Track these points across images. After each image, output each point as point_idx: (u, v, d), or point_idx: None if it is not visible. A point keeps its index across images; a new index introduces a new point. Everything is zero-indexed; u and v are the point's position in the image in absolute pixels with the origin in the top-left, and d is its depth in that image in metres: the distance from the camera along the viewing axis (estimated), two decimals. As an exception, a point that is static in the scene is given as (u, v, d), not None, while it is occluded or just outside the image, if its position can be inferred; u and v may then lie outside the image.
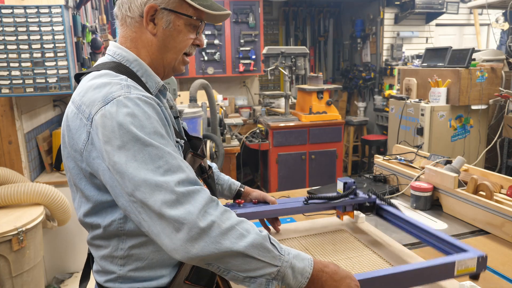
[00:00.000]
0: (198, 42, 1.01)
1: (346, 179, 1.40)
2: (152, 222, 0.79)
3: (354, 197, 1.39)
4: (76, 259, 2.84)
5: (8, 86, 2.38)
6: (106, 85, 0.86)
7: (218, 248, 0.78)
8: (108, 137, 0.81)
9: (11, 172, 2.45)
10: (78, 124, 0.87)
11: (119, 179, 0.80)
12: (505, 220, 1.37)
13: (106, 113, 0.82)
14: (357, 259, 1.23)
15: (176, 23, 0.95)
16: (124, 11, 0.95)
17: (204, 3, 0.96)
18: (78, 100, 0.88)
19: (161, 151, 0.81)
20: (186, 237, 0.77)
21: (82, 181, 0.91)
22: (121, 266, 0.93)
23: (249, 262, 0.81)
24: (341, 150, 4.28)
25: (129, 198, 0.80)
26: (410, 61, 5.20)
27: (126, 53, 0.96)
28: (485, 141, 3.54)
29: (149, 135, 0.82)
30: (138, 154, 0.80)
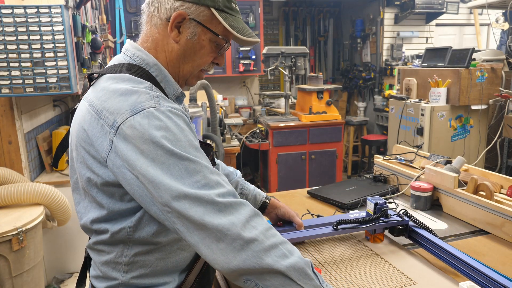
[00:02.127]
0: (217, 61, 0.98)
1: (377, 199, 1.32)
2: (189, 233, 0.77)
3: (385, 219, 1.31)
4: (76, 259, 2.84)
5: (8, 86, 2.38)
6: (132, 93, 0.82)
7: (259, 263, 0.76)
8: (140, 149, 0.78)
9: (11, 172, 2.45)
10: (98, 131, 0.82)
11: (152, 190, 0.77)
12: (505, 220, 1.37)
13: (135, 124, 0.78)
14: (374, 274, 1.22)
15: (201, 37, 0.92)
16: (153, 10, 0.92)
17: (235, 25, 0.93)
18: (99, 104, 0.84)
19: (198, 165, 0.79)
20: (228, 248, 0.76)
21: (94, 187, 0.87)
22: (124, 272, 0.91)
23: (288, 285, 0.78)
24: (341, 150, 4.28)
25: (164, 208, 0.78)
26: (410, 61, 5.20)
27: (146, 56, 0.93)
28: (485, 141, 3.54)
29: (185, 149, 0.79)
30: (173, 168, 0.77)
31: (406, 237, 1.34)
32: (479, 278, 1.05)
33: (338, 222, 1.28)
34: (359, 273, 1.15)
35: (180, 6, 0.89)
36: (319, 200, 1.82)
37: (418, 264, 1.19)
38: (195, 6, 0.89)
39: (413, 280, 1.10)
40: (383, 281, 1.10)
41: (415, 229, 1.30)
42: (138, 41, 0.97)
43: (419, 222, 1.31)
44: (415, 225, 1.32)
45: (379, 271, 1.15)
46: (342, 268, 1.18)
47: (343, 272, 1.16)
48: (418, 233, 1.29)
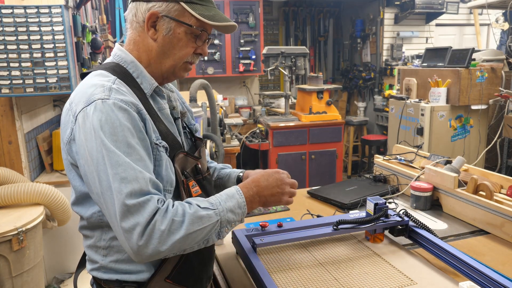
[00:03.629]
0: (200, 51, 1.03)
1: (377, 199, 1.32)
2: (113, 225, 0.88)
3: (386, 220, 1.31)
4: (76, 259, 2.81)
5: (8, 86, 2.38)
6: (92, 86, 0.91)
7: (167, 245, 0.86)
8: (85, 137, 0.87)
9: (11, 172, 2.45)
10: (67, 120, 0.93)
11: (95, 176, 0.87)
12: (505, 220, 1.37)
13: (85, 114, 0.88)
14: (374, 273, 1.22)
15: (176, 31, 0.97)
16: (132, 16, 1.00)
17: (206, 13, 0.97)
18: (72, 97, 0.95)
19: (121, 159, 0.86)
20: (136, 244, 0.84)
21: (70, 171, 0.97)
22: (104, 256, 0.99)
23: (197, 235, 0.90)
24: (341, 150, 4.28)
25: (98, 197, 0.89)
26: (410, 61, 5.20)
27: (125, 54, 1.01)
28: (485, 141, 3.54)
29: (115, 143, 0.86)
30: (104, 158, 0.86)
31: (406, 237, 1.33)
32: (479, 278, 1.05)
33: (338, 222, 1.28)
34: (359, 273, 1.15)
35: (152, 6, 0.96)
36: (319, 200, 1.82)
37: (418, 264, 1.19)
38: (165, 4, 0.96)
39: (413, 280, 1.10)
40: (383, 281, 1.10)
41: (415, 229, 1.30)
42: (124, 45, 1.05)
43: (419, 222, 1.31)
44: (415, 225, 1.32)
45: (379, 271, 1.15)
46: (342, 268, 1.18)
47: (343, 272, 1.16)
48: (418, 233, 1.28)
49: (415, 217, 1.32)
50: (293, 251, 1.28)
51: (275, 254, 1.26)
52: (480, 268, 1.06)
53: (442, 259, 1.19)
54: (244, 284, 1.16)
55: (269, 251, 1.28)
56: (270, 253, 1.27)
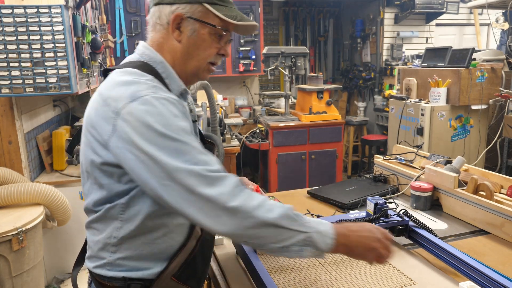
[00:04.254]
0: (223, 52, 1.04)
1: (377, 199, 1.32)
2: (186, 203, 0.85)
3: (386, 220, 1.31)
4: (76, 259, 2.83)
5: (8, 86, 2.38)
6: (133, 83, 0.91)
7: (251, 222, 0.86)
8: (137, 131, 0.86)
9: (11, 172, 2.45)
10: (103, 116, 0.90)
11: (150, 165, 0.85)
12: (505, 220, 1.37)
13: (133, 110, 0.87)
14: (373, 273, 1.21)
15: (200, 31, 0.99)
16: (155, 19, 1.01)
17: (229, 13, 1.00)
18: (105, 93, 0.93)
19: (188, 147, 0.87)
20: (222, 214, 0.85)
21: (96, 169, 0.94)
22: (112, 253, 0.98)
23: (281, 233, 0.88)
24: (341, 150, 4.28)
25: (161, 181, 0.85)
26: (410, 61, 5.19)
27: (153, 54, 1.01)
28: (485, 141, 3.54)
29: (176, 132, 0.87)
30: (166, 148, 0.85)
31: (406, 237, 1.33)
32: (479, 278, 1.05)
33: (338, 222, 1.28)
34: (359, 273, 1.15)
35: (176, 8, 0.97)
36: (319, 200, 1.82)
37: (418, 264, 1.19)
38: (189, 6, 0.97)
39: (413, 280, 1.10)
40: (383, 281, 1.10)
41: (415, 229, 1.30)
42: None
43: (419, 222, 1.31)
44: (415, 225, 1.32)
45: (379, 271, 1.15)
46: (342, 268, 1.18)
47: (343, 272, 1.16)
48: (418, 233, 1.28)
49: (415, 217, 1.33)
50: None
51: (275, 254, 1.26)
52: (480, 268, 1.06)
53: (442, 259, 1.19)
54: (244, 284, 1.16)
55: (269, 251, 1.28)
56: (270, 253, 1.27)
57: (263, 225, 0.87)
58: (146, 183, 0.88)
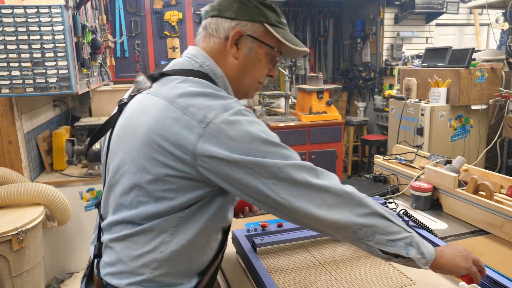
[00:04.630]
0: (272, 73, 1.06)
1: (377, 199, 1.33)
2: (297, 198, 0.84)
3: None
4: (76, 259, 2.84)
5: (8, 86, 2.38)
6: (218, 96, 0.88)
7: (364, 209, 0.88)
8: (236, 141, 0.83)
9: (11, 172, 2.45)
10: (182, 125, 0.84)
11: (254, 169, 0.83)
12: (505, 220, 1.37)
13: (230, 118, 0.84)
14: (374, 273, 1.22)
15: (258, 51, 0.99)
16: (211, 31, 0.99)
17: (287, 37, 1.01)
18: (182, 101, 0.86)
19: (290, 152, 0.88)
20: (336, 203, 0.86)
21: (159, 182, 0.87)
22: (154, 269, 0.91)
23: (389, 225, 0.90)
24: (341, 150, 4.28)
25: (269, 181, 0.84)
26: (410, 61, 5.19)
27: (214, 66, 0.99)
28: (485, 141, 3.54)
29: (274, 138, 0.87)
30: (270, 154, 0.84)
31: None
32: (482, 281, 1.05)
33: None
34: (359, 273, 1.15)
35: (237, 24, 0.97)
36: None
37: (418, 264, 1.19)
38: (250, 24, 0.97)
39: (413, 280, 1.10)
40: (383, 281, 1.10)
41: (415, 229, 1.30)
42: None
43: (419, 222, 1.32)
44: (415, 225, 1.32)
45: (379, 271, 1.15)
46: (342, 268, 1.18)
47: (343, 272, 1.16)
48: (418, 233, 1.28)
49: (415, 217, 1.33)
50: (293, 251, 1.28)
51: (275, 254, 1.26)
52: (480, 268, 1.05)
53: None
54: (244, 284, 1.16)
55: (269, 251, 1.28)
56: (270, 253, 1.27)
57: (374, 214, 0.88)
58: (246, 189, 0.85)
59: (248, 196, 0.87)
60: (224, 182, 0.86)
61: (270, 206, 0.87)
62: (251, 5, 0.97)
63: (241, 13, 0.97)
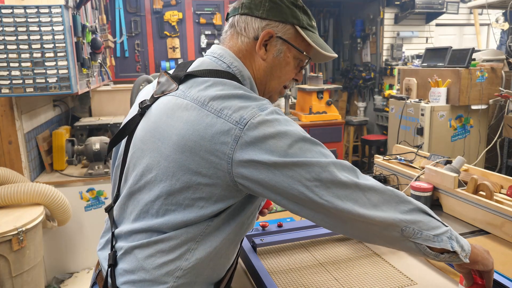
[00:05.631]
0: (297, 77, 1.02)
1: None
2: (340, 200, 0.80)
3: None
4: (76, 259, 2.84)
5: (8, 86, 2.38)
6: (251, 97, 0.85)
7: (408, 206, 0.85)
8: (275, 138, 0.79)
9: (11, 172, 2.45)
10: (219, 129, 0.79)
11: (295, 170, 0.79)
12: (505, 220, 1.37)
13: (267, 117, 0.81)
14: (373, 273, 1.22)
15: (287, 54, 0.96)
16: (239, 30, 0.95)
17: (317, 41, 0.97)
18: (216, 104, 0.82)
19: (326, 150, 0.84)
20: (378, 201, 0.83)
21: (189, 191, 0.83)
22: (178, 278, 0.86)
23: (431, 220, 0.87)
24: (341, 150, 4.28)
25: (312, 183, 0.79)
26: (410, 61, 5.20)
27: (242, 67, 0.95)
28: (485, 141, 3.55)
29: (311, 137, 0.85)
30: (311, 151, 0.81)
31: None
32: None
33: None
34: (359, 273, 1.15)
35: (267, 25, 0.93)
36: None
37: (418, 264, 1.19)
38: (282, 25, 0.94)
39: (413, 280, 1.10)
40: (383, 281, 1.10)
41: (415, 229, 1.30)
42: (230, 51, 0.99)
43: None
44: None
45: (379, 271, 1.15)
46: (342, 268, 1.18)
47: (343, 272, 1.16)
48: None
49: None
50: (293, 251, 1.28)
51: (275, 254, 1.26)
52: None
53: (442, 259, 1.19)
54: (244, 284, 1.16)
55: (269, 251, 1.28)
56: (270, 253, 1.27)
57: (417, 210, 0.86)
58: (284, 194, 0.81)
59: (288, 201, 0.82)
60: (262, 187, 0.81)
61: (311, 209, 0.82)
62: (283, 5, 0.93)
63: (273, 13, 0.93)
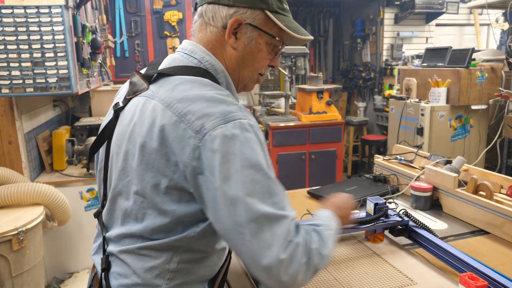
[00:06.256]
0: (273, 64, 0.99)
1: (377, 199, 1.32)
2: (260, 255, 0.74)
3: (385, 220, 1.30)
4: (76, 259, 2.84)
5: (8, 86, 2.38)
6: (221, 101, 0.80)
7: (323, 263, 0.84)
8: (227, 159, 0.74)
9: (11, 172, 2.45)
10: (180, 134, 0.78)
11: (230, 206, 0.74)
12: (505, 220, 1.37)
13: (227, 133, 0.75)
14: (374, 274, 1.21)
15: (258, 40, 0.92)
16: (207, 19, 0.92)
17: (290, 25, 0.93)
18: (181, 107, 0.80)
19: (278, 188, 0.79)
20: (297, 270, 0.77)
21: (159, 193, 0.81)
22: (169, 280, 0.86)
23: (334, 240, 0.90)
24: (341, 150, 4.28)
25: (237, 228, 0.74)
26: (410, 61, 5.20)
27: (215, 61, 0.92)
28: (485, 141, 3.55)
29: (268, 168, 0.78)
30: (257, 184, 0.75)
31: (406, 237, 1.33)
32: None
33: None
34: (359, 273, 1.15)
35: (235, 12, 0.90)
36: (319, 200, 1.82)
37: (418, 264, 1.19)
38: (250, 11, 0.90)
39: (413, 280, 1.10)
40: (383, 281, 1.10)
41: (415, 229, 1.30)
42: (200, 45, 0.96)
43: (419, 222, 1.32)
44: (415, 225, 1.32)
45: (379, 271, 1.15)
46: (342, 268, 1.18)
47: (343, 272, 1.16)
48: (418, 233, 1.29)
49: (415, 217, 1.33)
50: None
51: (275, 254, 1.26)
52: (480, 268, 1.06)
53: (442, 259, 1.19)
54: (244, 284, 1.16)
55: (269, 251, 1.28)
56: (270, 253, 1.27)
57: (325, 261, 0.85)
58: (216, 222, 0.78)
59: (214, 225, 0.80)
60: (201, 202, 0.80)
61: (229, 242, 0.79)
62: None
63: None
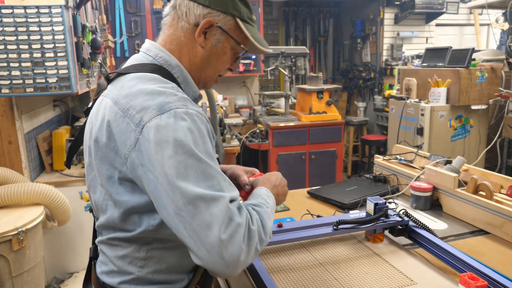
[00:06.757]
0: (232, 67, 1.04)
1: (377, 199, 1.32)
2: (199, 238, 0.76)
3: (385, 220, 1.31)
4: (76, 259, 2.84)
5: (8, 86, 2.38)
6: (160, 93, 0.84)
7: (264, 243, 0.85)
8: (161, 147, 0.78)
9: (11, 172, 2.45)
10: (124, 128, 0.83)
11: (169, 191, 0.77)
12: (505, 220, 1.37)
13: (161, 123, 0.79)
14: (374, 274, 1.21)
15: (224, 44, 0.97)
16: (180, 14, 0.95)
17: (255, 35, 0.99)
18: (125, 102, 0.85)
19: (214, 171, 0.81)
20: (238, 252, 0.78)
21: (114, 184, 0.87)
22: (140, 267, 0.92)
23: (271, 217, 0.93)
24: (341, 150, 4.28)
25: (177, 211, 0.77)
26: (410, 61, 5.20)
27: (168, 57, 0.96)
28: (485, 141, 3.55)
29: (203, 154, 0.80)
30: (191, 169, 0.78)
31: (406, 237, 1.33)
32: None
33: (338, 222, 1.28)
34: (359, 273, 1.15)
35: (209, 13, 0.94)
36: (319, 200, 1.82)
37: (418, 264, 1.19)
38: (223, 15, 0.94)
39: (413, 280, 1.10)
40: (383, 281, 1.10)
41: (415, 229, 1.30)
42: (160, 43, 1.00)
43: (419, 222, 1.32)
44: (415, 225, 1.32)
45: (379, 271, 1.15)
46: (342, 268, 1.18)
47: (343, 272, 1.16)
48: (418, 233, 1.29)
49: (415, 217, 1.33)
50: (293, 251, 1.28)
51: (275, 254, 1.26)
52: (480, 268, 1.06)
53: (442, 259, 1.19)
54: (244, 284, 1.16)
55: (269, 251, 1.28)
56: (270, 253, 1.27)
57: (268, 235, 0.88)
58: (159, 210, 0.81)
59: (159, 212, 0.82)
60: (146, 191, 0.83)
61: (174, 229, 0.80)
62: None
63: (215, 2, 0.93)
